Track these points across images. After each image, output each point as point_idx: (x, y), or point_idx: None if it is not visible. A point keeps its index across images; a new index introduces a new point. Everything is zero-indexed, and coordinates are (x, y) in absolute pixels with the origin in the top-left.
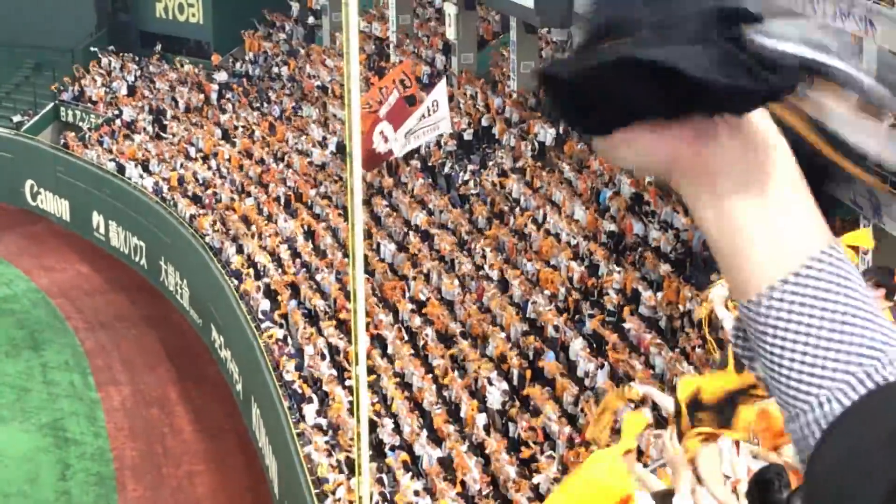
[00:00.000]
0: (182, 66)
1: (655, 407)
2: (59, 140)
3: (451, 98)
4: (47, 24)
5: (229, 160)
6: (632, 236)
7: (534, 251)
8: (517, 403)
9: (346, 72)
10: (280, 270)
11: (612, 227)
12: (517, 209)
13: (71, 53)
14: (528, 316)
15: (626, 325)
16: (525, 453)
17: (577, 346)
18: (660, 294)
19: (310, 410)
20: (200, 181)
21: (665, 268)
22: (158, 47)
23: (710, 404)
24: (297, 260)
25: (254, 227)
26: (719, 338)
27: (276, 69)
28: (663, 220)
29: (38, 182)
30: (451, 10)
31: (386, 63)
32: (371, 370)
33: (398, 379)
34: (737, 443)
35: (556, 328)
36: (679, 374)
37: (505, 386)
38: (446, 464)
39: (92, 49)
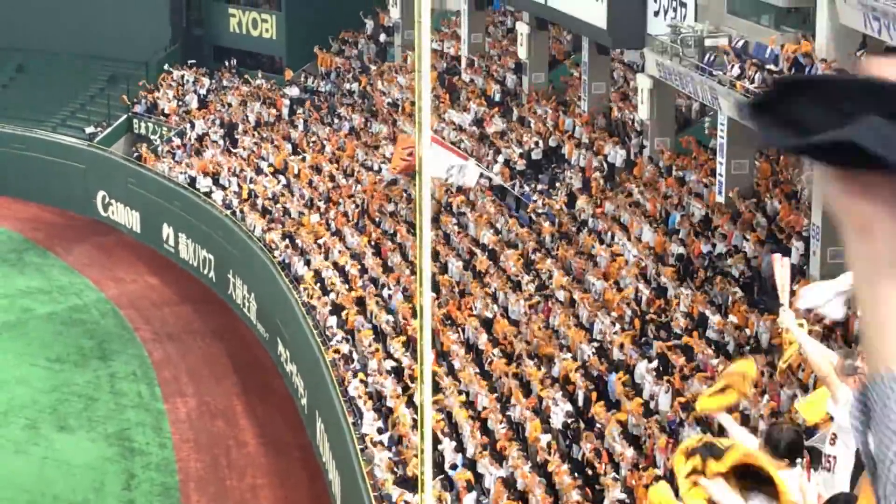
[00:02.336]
0: (254, 80)
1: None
2: (131, 152)
3: (521, 119)
4: (122, 36)
5: (299, 175)
6: (700, 259)
7: (601, 272)
8: (581, 424)
9: (418, 89)
10: (347, 286)
11: (681, 250)
12: (585, 230)
13: (145, 66)
14: (594, 337)
15: (693, 349)
16: (588, 474)
17: (643, 369)
18: (727, 318)
19: (374, 426)
20: (270, 195)
21: (733, 291)
22: (234, 62)
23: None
24: (365, 276)
25: (322, 242)
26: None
27: (347, 85)
28: (733, 243)
29: (110, 193)
30: (523, 29)
31: (458, 81)
32: (436, 387)
33: (463, 397)
34: (808, 469)
35: (622, 350)
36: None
37: (569, 407)
38: (509, 483)
39: (166, 63)
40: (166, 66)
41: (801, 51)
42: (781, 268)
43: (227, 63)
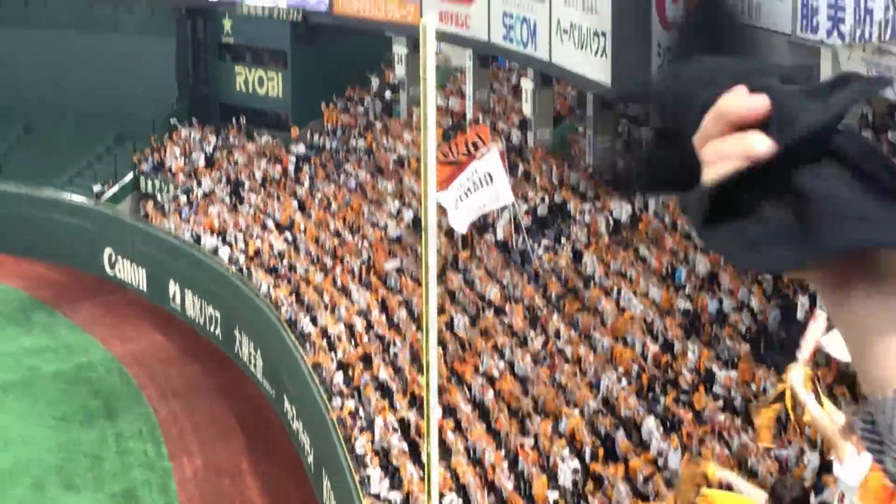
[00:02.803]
0: (260, 138)
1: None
2: (137, 210)
3: (526, 175)
4: (129, 95)
5: (305, 232)
6: (707, 315)
7: (608, 328)
8: (589, 481)
9: (423, 146)
10: (353, 343)
11: (687, 305)
12: (591, 285)
13: (152, 124)
14: (601, 393)
15: (700, 405)
16: None
17: (651, 425)
18: (735, 373)
19: (381, 484)
20: (276, 252)
21: (741, 347)
22: (243, 120)
23: None
24: (371, 332)
25: (328, 299)
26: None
27: (353, 142)
28: (739, 298)
29: (116, 251)
30: (527, 85)
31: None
32: (442, 444)
33: (470, 454)
34: None
35: (629, 406)
36: (755, 453)
37: (577, 464)
38: None
39: (172, 121)
40: (173, 123)
41: None
42: (815, 324)
43: (235, 121)
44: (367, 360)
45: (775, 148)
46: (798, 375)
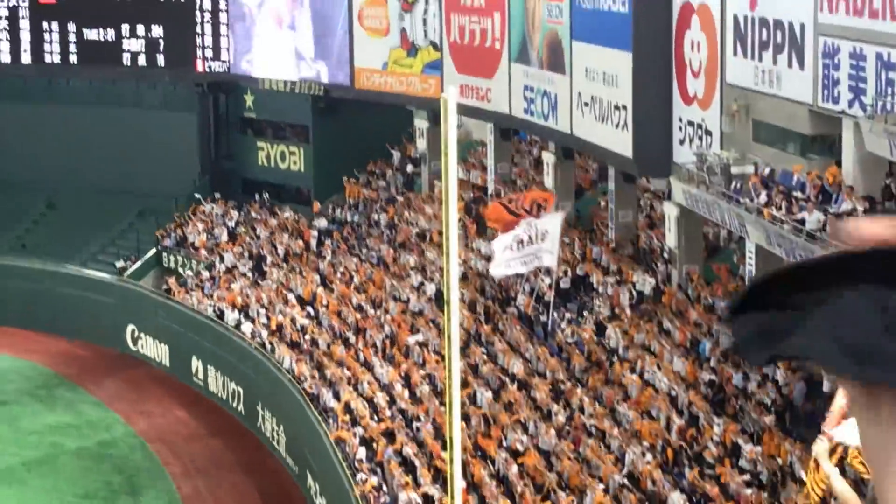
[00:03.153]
0: (283, 212)
1: None
2: (160, 285)
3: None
4: (152, 171)
5: (327, 306)
6: (731, 388)
7: (632, 401)
8: None
9: (445, 219)
10: (376, 417)
11: (712, 378)
12: (615, 358)
13: (174, 200)
14: (625, 467)
15: (726, 479)
16: None
17: (676, 499)
18: (760, 447)
19: None
20: (299, 327)
21: (766, 420)
22: (266, 196)
23: None
24: (394, 407)
25: (351, 374)
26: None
27: (375, 216)
28: (764, 371)
29: (139, 327)
30: (549, 158)
31: (484, 210)
32: None
33: None
34: None
35: (655, 481)
36: None
37: None
38: None
39: (195, 196)
40: (197, 198)
41: (828, 179)
42: (840, 396)
43: (259, 196)
44: (390, 434)
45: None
46: (823, 448)
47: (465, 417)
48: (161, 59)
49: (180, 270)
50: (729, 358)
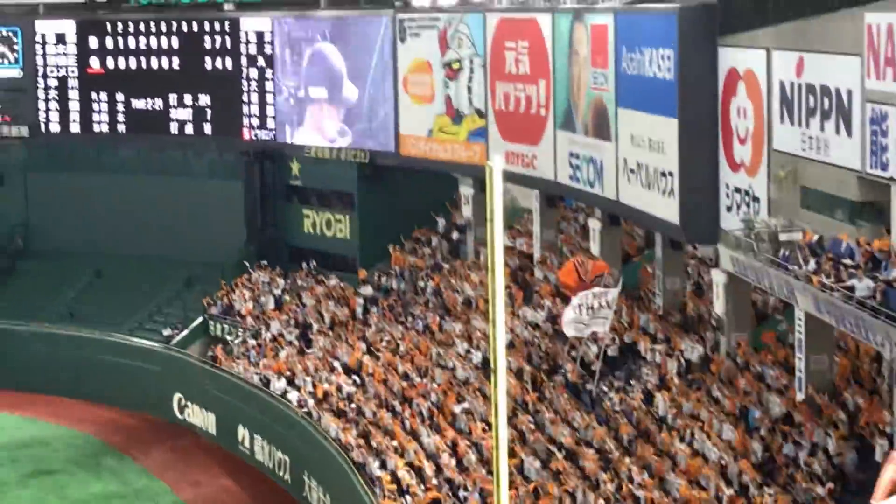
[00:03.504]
0: (328, 280)
1: None
2: (206, 353)
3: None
4: (199, 239)
5: (373, 374)
6: (782, 457)
7: (681, 470)
8: None
9: (491, 286)
10: (423, 486)
11: (762, 448)
12: (663, 427)
13: (221, 268)
14: None
15: None
16: None
17: None
18: None
19: None
20: (345, 395)
21: (817, 490)
22: (313, 264)
23: None
24: (441, 476)
25: (397, 442)
26: None
27: (420, 283)
28: (815, 440)
29: (186, 395)
30: (595, 225)
31: (531, 278)
32: None
33: None
34: None
35: None
36: None
37: None
38: None
39: (241, 264)
40: (245, 265)
41: (878, 246)
42: (892, 465)
43: (306, 264)
44: None
45: None
46: None
47: (513, 487)
48: (208, 128)
49: (227, 338)
50: (778, 428)
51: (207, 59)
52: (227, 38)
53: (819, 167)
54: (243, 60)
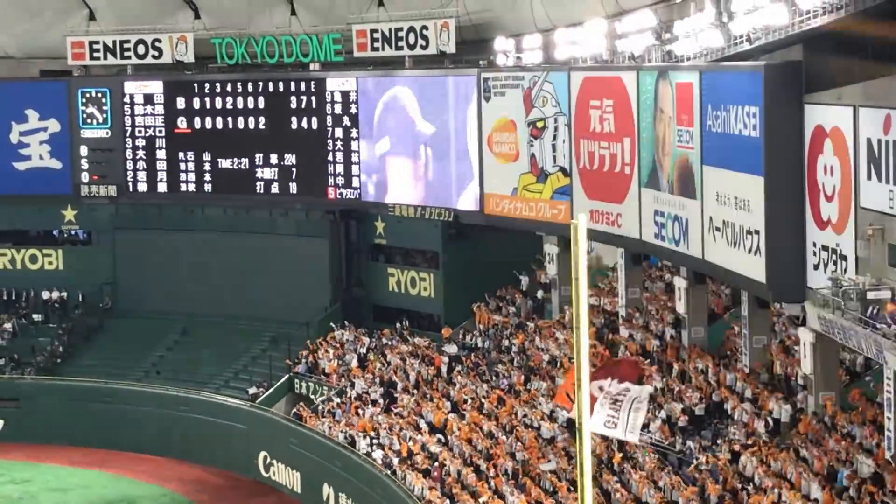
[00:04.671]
0: (413, 338)
1: None
2: (292, 412)
3: (682, 374)
4: (284, 298)
5: (458, 433)
6: None
7: None
8: None
9: (577, 345)
10: None
11: None
12: (751, 487)
13: (306, 327)
14: None
15: None
16: None
17: None
18: None
19: None
20: (429, 454)
21: None
22: (405, 323)
23: None
24: None
25: (483, 501)
26: None
27: (505, 342)
28: None
29: (271, 453)
30: (680, 283)
31: (616, 336)
32: None
33: None
34: None
35: None
36: None
37: None
38: None
39: (327, 322)
40: (331, 325)
41: None
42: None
43: (399, 324)
44: None
45: None
46: None
47: None
48: (294, 187)
49: (312, 397)
50: (868, 489)
51: (293, 119)
52: (313, 97)
53: None
54: (328, 120)
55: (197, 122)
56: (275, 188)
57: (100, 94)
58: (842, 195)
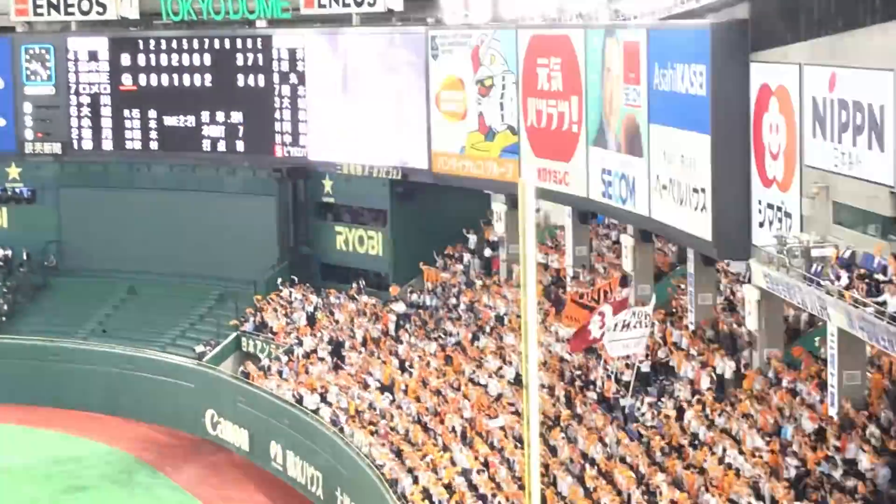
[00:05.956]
0: (361, 297)
1: None
2: (239, 370)
3: None
4: (231, 257)
5: (406, 391)
6: (815, 474)
7: (714, 486)
8: None
9: (524, 303)
10: (455, 503)
11: (795, 464)
12: (696, 443)
13: (253, 285)
14: None
15: None
16: None
17: None
18: None
19: None
20: (377, 411)
21: None
22: (362, 283)
23: None
24: (473, 492)
25: (429, 459)
26: None
27: (453, 300)
28: (849, 458)
29: (219, 412)
30: (627, 241)
31: (563, 294)
32: None
33: None
34: None
35: None
36: None
37: None
38: None
39: (274, 281)
40: (279, 283)
41: None
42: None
43: (357, 284)
44: None
45: None
46: None
47: (545, 502)
48: (240, 145)
49: (259, 355)
50: (811, 444)
51: (240, 76)
52: (260, 54)
53: (851, 182)
54: (275, 77)
55: (142, 79)
56: (221, 146)
57: (43, 51)
58: (787, 153)
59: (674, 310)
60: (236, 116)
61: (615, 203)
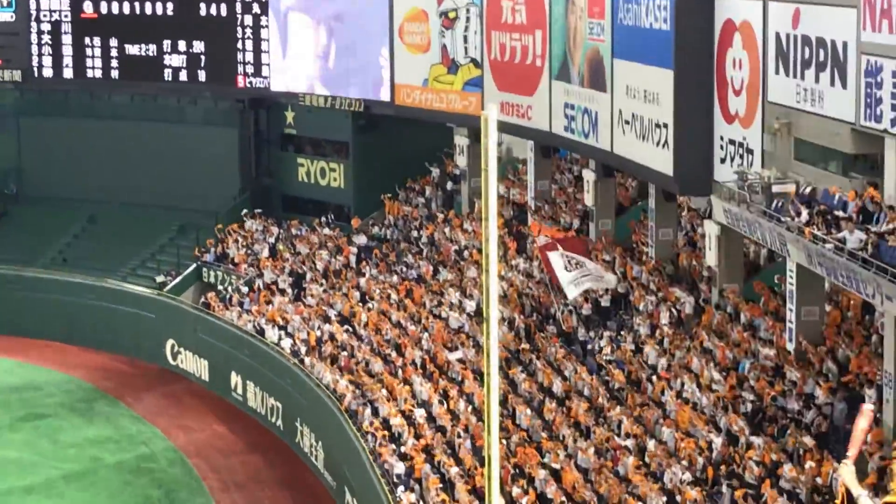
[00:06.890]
0: (322, 229)
1: None
2: (200, 301)
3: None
4: (192, 186)
5: (367, 323)
6: (771, 408)
7: (671, 420)
8: None
9: (485, 236)
10: (415, 434)
11: (752, 398)
12: (654, 377)
13: (215, 216)
14: (665, 487)
15: (766, 499)
16: None
17: None
18: (800, 467)
19: None
20: (338, 343)
21: (806, 441)
22: (331, 217)
23: None
24: (433, 424)
25: (389, 390)
26: None
27: (414, 233)
28: (805, 391)
29: (179, 342)
30: (589, 176)
31: (525, 228)
32: None
33: None
34: None
35: (695, 501)
36: None
37: None
38: None
39: (235, 212)
40: (242, 214)
41: (869, 197)
42: (864, 420)
43: (324, 217)
44: (428, 451)
45: None
46: (848, 472)
47: (505, 435)
48: (202, 75)
49: (220, 286)
50: (768, 379)
51: (202, 5)
52: None
53: (813, 119)
54: (238, 7)
55: (104, 6)
56: (183, 76)
57: None
58: (750, 89)
59: (634, 245)
60: (198, 46)
61: (578, 137)
